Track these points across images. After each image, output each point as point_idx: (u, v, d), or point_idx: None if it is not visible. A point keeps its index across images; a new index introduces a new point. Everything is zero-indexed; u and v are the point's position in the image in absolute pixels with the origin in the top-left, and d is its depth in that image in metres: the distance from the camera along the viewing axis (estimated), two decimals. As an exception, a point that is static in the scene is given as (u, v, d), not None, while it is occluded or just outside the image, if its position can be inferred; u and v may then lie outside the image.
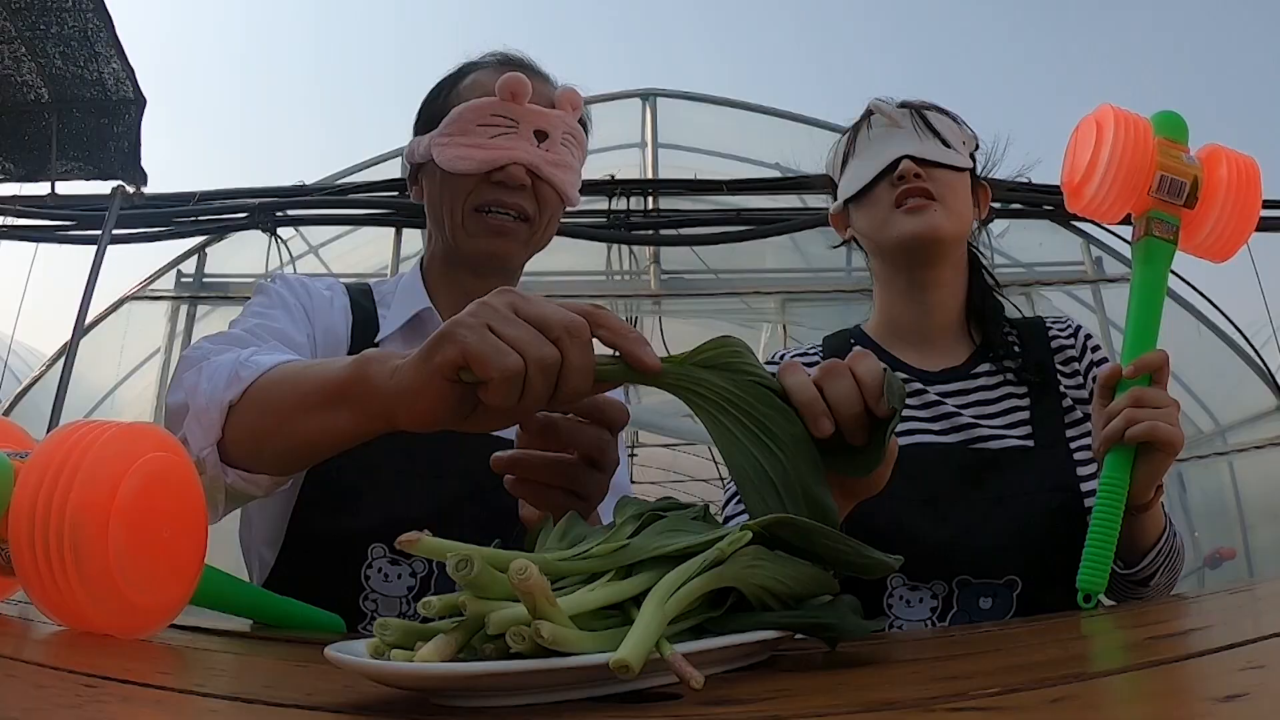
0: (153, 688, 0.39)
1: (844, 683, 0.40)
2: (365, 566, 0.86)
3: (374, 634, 0.39)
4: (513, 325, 0.49)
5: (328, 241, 4.46)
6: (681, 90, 4.83)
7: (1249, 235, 0.85)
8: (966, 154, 1.02)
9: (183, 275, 4.32)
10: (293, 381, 0.64)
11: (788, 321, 4.20)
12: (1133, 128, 0.83)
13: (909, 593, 0.89)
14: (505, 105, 0.89)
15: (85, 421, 0.52)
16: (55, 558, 0.47)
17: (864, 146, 1.03)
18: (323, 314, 0.94)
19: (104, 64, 3.65)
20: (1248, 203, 0.83)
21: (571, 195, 0.94)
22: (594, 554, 0.42)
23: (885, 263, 1.04)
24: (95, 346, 4.05)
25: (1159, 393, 0.81)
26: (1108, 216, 0.86)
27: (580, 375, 0.50)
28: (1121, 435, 0.79)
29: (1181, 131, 0.85)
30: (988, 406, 0.98)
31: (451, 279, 0.97)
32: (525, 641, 0.35)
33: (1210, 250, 0.86)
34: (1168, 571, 0.89)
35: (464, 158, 0.89)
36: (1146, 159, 0.83)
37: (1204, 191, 0.83)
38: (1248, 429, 4.29)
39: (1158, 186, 0.83)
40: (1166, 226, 0.84)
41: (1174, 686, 0.35)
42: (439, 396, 0.51)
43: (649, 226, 4.13)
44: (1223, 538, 4.28)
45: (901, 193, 0.97)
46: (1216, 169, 0.84)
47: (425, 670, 0.36)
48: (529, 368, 0.48)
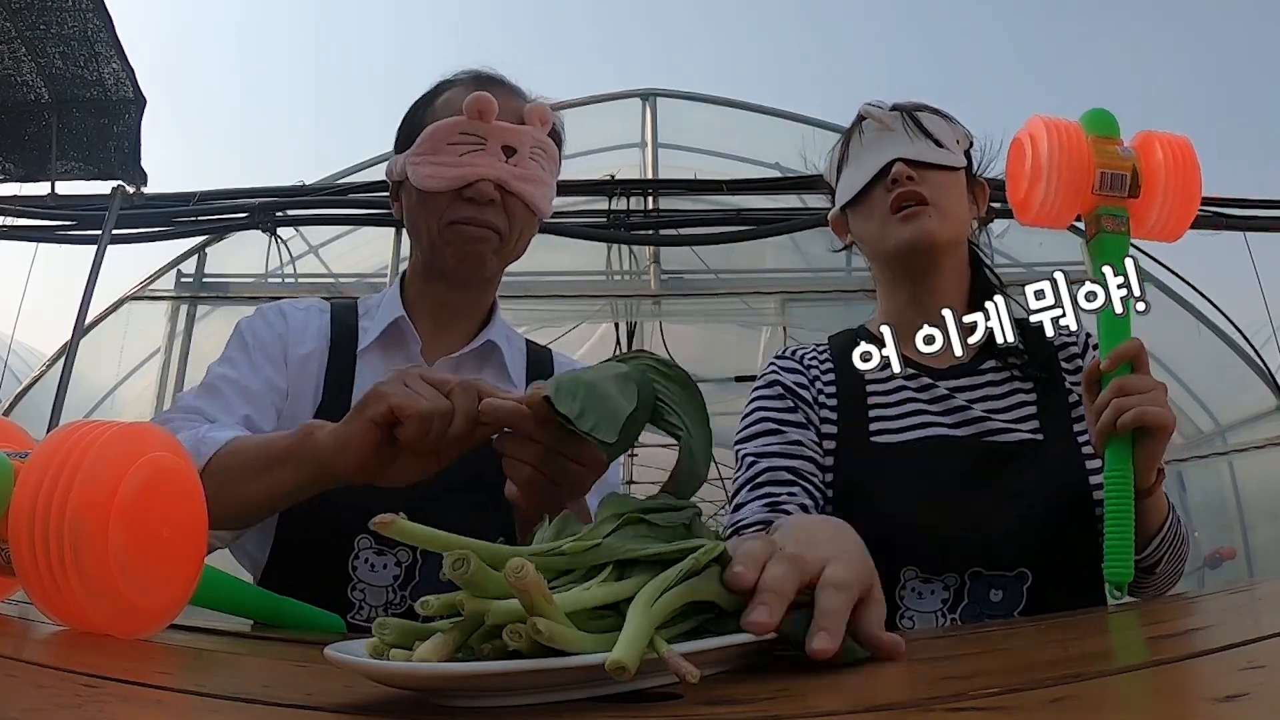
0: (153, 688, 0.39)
1: (844, 683, 0.40)
2: (352, 557, 0.89)
3: (373, 633, 0.39)
4: (421, 385, 0.64)
5: (328, 241, 4.46)
6: (681, 90, 4.83)
7: (1195, 211, 0.88)
8: (960, 153, 1.02)
9: (183, 275, 4.32)
10: (246, 451, 0.78)
11: (788, 322, 4.20)
12: (1064, 133, 0.85)
13: (921, 585, 0.89)
14: (473, 123, 0.92)
15: (85, 421, 0.52)
16: (55, 558, 0.47)
17: (857, 152, 1.03)
18: (296, 338, 0.99)
19: (104, 64, 3.65)
20: (1188, 181, 0.86)
21: (542, 207, 0.98)
22: (564, 550, 0.42)
23: (885, 268, 1.05)
24: (95, 346, 4.05)
25: (1142, 378, 0.82)
26: (1059, 222, 0.88)
27: (463, 418, 0.63)
28: (1114, 425, 0.80)
29: (1112, 127, 0.87)
30: (996, 401, 0.99)
31: (429, 289, 1.01)
32: (523, 639, 0.35)
33: (1161, 232, 0.88)
34: (1173, 559, 0.90)
35: (435, 176, 0.92)
36: (1083, 160, 0.85)
37: (1145, 179, 0.86)
38: (1248, 429, 4.29)
39: (1099, 183, 0.85)
40: (1116, 220, 0.86)
41: (1174, 686, 0.35)
42: (368, 442, 0.65)
43: (649, 226, 4.13)
44: (1223, 538, 4.28)
45: (896, 198, 0.97)
46: (1152, 155, 0.86)
47: (424, 670, 0.36)
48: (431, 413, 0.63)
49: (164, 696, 0.37)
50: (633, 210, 4.15)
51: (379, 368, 0.97)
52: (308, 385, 0.96)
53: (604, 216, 4.11)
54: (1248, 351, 4.10)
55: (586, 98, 4.58)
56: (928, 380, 1.00)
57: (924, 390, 0.99)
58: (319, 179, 4.29)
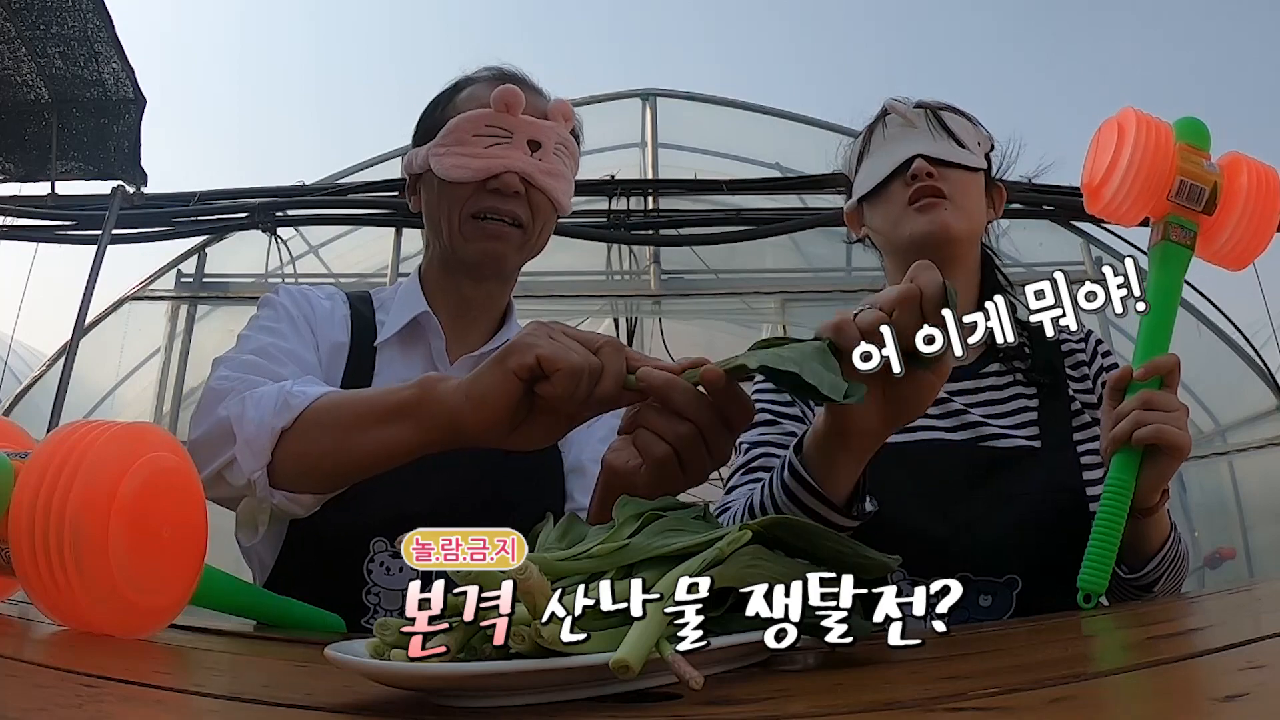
0: (153, 688, 0.39)
1: (844, 683, 0.40)
2: (367, 561, 0.88)
3: (374, 633, 0.39)
4: (566, 339, 0.60)
5: (328, 241, 4.45)
6: (681, 90, 4.82)
7: (1267, 244, 0.85)
8: (981, 155, 1.02)
9: (183, 275, 4.32)
10: (350, 404, 0.72)
11: (788, 322, 4.20)
12: (1154, 132, 0.83)
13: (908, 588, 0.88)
14: (500, 116, 0.93)
15: (85, 421, 0.52)
16: (55, 558, 0.47)
17: (879, 145, 1.03)
18: (324, 325, 0.97)
19: (104, 64, 3.65)
20: (1267, 211, 0.83)
21: (564, 203, 0.98)
22: (594, 553, 0.42)
23: (897, 261, 1.04)
24: (95, 346, 4.05)
25: (1169, 396, 0.80)
26: (1126, 219, 0.86)
27: (612, 379, 0.59)
28: (1129, 437, 0.79)
29: (1203, 138, 0.85)
30: (996, 406, 0.98)
31: (449, 284, 1.00)
32: (525, 641, 0.35)
33: (1227, 258, 0.86)
34: (1172, 578, 0.89)
35: (460, 166, 0.92)
36: (1167, 163, 0.82)
37: (1223, 199, 0.83)
38: (1248, 429, 4.29)
39: (1177, 191, 0.83)
40: (1184, 232, 0.84)
41: (1174, 686, 0.35)
42: (507, 397, 0.60)
43: (649, 226, 4.13)
44: (1223, 538, 4.28)
45: (915, 191, 0.97)
46: (1237, 177, 0.84)
47: (425, 670, 0.36)
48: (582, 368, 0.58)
49: (164, 696, 0.37)
50: (633, 210, 4.15)
51: (398, 363, 0.96)
52: (333, 376, 0.94)
53: (604, 216, 4.10)
54: (1248, 351, 4.10)
55: (586, 98, 4.58)
56: None
57: None
58: (319, 179, 4.29)
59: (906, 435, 0.95)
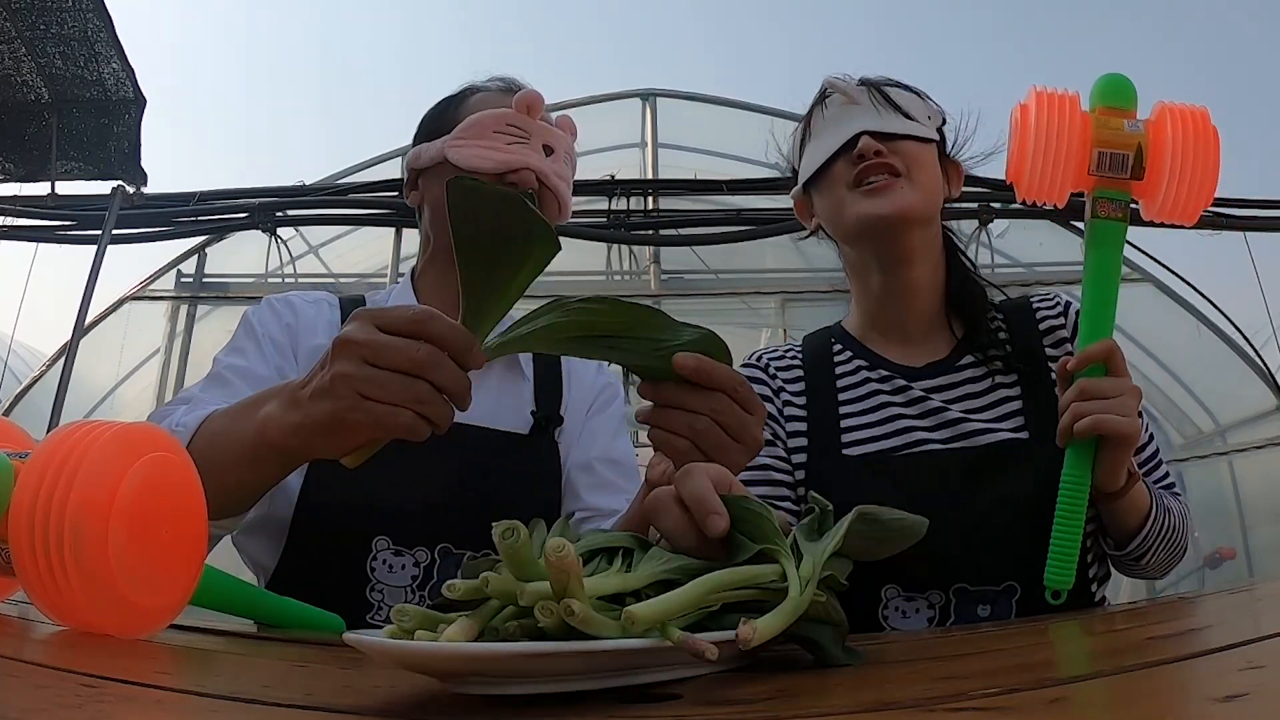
0: (153, 688, 0.38)
1: (844, 683, 0.40)
2: (370, 559, 0.88)
3: (392, 620, 0.39)
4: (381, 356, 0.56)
5: (328, 241, 4.46)
6: (681, 90, 4.83)
7: (1213, 190, 0.79)
8: (932, 128, 0.96)
9: (182, 275, 4.32)
10: (209, 445, 0.71)
11: (788, 323, 4.20)
12: (1057, 109, 0.79)
13: (904, 603, 0.86)
14: (520, 117, 0.97)
15: (85, 421, 0.52)
16: (55, 558, 0.47)
17: (821, 126, 0.97)
18: (306, 332, 0.98)
19: (104, 64, 3.65)
20: (1203, 158, 0.78)
21: (567, 207, 1.04)
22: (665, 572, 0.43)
23: (852, 249, 0.98)
24: (95, 346, 4.05)
25: (1111, 383, 0.78)
26: (1055, 198, 0.81)
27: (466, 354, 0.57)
28: (1070, 430, 0.77)
29: (1126, 96, 0.80)
30: (976, 400, 0.94)
31: (447, 281, 1.00)
32: (553, 616, 0.35)
33: (1173, 214, 0.80)
34: (1164, 550, 0.87)
35: (482, 157, 0.95)
36: (1077, 140, 0.78)
37: (1150, 158, 0.78)
38: (1248, 429, 4.29)
39: (1097, 164, 0.79)
40: (1114, 205, 0.80)
41: (1174, 686, 0.35)
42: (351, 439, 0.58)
43: (649, 226, 4.13)
44: (1223, 538, 4.27)
45: (864, 169, 0.91)
46: (1162, 132, 0.79)
47: (457, 650, 0.35)
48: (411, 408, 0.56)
49: (164, 696, 0.37)
50: (633, 210, 4.16)
51: None
52: None
53: (604, 216, 4.11)
54: (1248, 351, 4.10)
55: (586, 98, 4.59)
56: (902, 382, 0.95)
57: (899, 393, 0.95)
58: (319, 179, 4.29)
59: (889, 441, 0.92)
